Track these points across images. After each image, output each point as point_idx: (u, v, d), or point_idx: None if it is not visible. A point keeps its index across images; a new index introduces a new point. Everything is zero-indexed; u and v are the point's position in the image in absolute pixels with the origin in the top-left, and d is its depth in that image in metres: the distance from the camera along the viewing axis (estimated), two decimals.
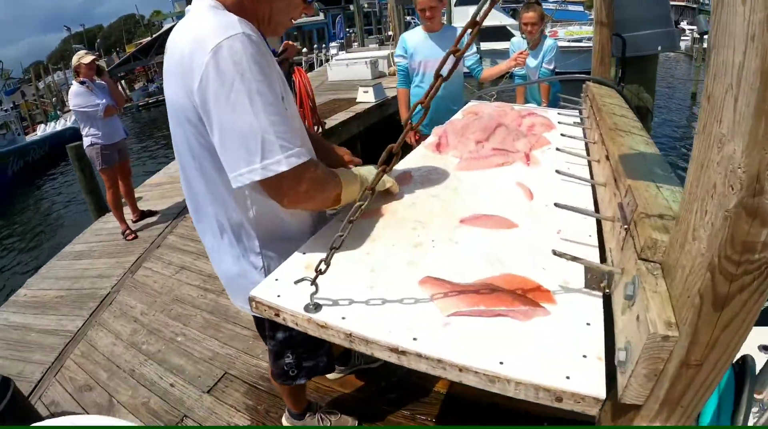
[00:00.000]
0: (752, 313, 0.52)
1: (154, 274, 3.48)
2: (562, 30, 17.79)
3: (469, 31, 0.76)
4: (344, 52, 15.83)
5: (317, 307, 0.85)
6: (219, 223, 1.18)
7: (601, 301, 0.83)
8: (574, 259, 0.77)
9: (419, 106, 0.79)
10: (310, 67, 18.65)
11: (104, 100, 3.78)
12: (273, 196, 1.03)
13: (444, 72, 0.75)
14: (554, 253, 0.78)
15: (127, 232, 4.19)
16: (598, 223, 1.13)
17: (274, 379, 1.60)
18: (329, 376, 2.16)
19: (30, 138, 16.58)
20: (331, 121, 6.78)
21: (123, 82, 29.22)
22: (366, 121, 7.02)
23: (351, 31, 23.83)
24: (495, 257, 0.97)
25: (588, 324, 0.77)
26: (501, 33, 16.97)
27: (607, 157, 1.17)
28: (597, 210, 1.21)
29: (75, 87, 3.75)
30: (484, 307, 0.78)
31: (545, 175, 1.43)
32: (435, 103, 3.34)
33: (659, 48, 2.86)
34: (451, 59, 0.77)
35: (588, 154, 1.65)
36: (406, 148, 3.66)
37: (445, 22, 3.53)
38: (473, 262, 0.96)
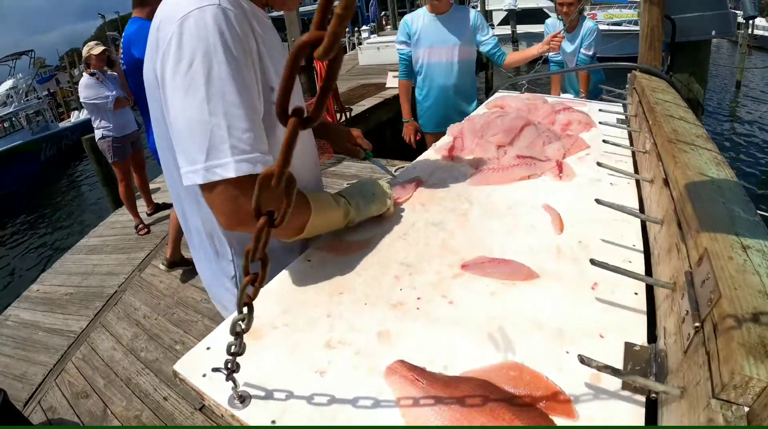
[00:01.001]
0: None
1: (161, 274, 3.36)
2: (601, 13, 16.76)
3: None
4: (376, 35, 15.36)
5: (243, 400, 0.62)
6: (193, 218, 1.00)
7: (642, 413, 0.56)
8: (615, 372, 0.51)
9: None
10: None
11: (114, 92, 3.66)
12: (211, 209, 0.79)
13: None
14: (581, 360, 0.51)
15: (140, 226, 4.10)
16: (648, 269, 0.84)
17: None
18: None
19: (63, 125, 16.53)
20: (358, 107, 6.52)
21: None
22: (396, 107, 6.65)
23: (385, 13, 23.25)
24: (500, 330, 0.70)
25: None
26: (538, 15, 16.16)
27: (666, 181, 0.87)
28: (647, 249, 0.92)
29: (85, 79, 3.64)
30: None
31: (580, 194, 1.15)
32: (443, 100, 2.92)
33: (713, 33, 2.46)
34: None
35: (635, 167, 1.33)
36: (405, 147, 3.19)
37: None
38: (468, 337, 0.70)
